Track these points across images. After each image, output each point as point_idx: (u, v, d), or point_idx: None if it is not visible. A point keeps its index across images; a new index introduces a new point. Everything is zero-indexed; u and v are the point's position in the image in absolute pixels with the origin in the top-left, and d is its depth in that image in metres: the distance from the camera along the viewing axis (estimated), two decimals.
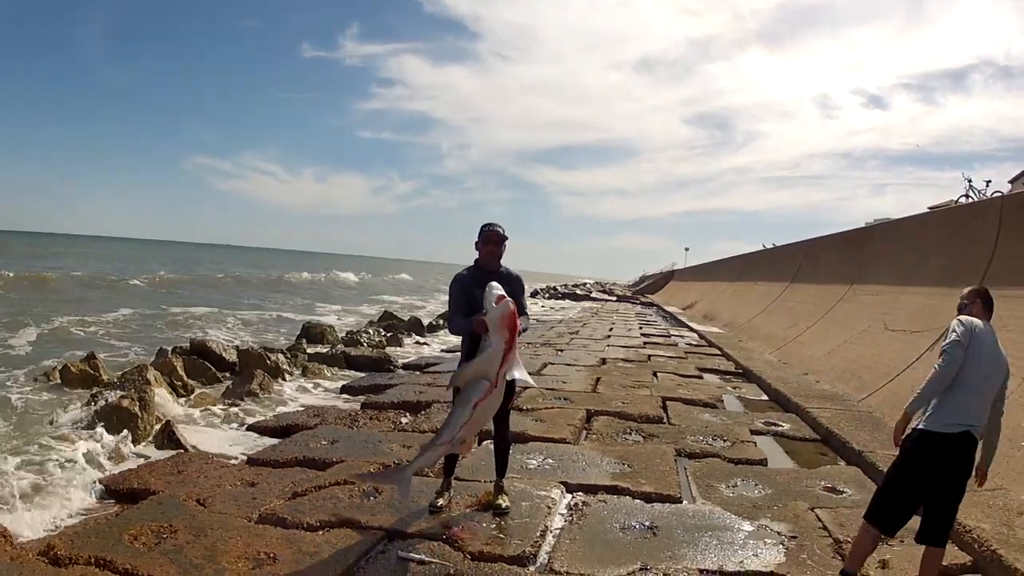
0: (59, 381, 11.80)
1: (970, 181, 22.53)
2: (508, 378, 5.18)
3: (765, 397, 11.99)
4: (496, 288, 5.17)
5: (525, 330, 5.49)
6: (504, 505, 5.70)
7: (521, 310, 5.40)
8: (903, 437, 4.38)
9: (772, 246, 32.59)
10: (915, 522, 4.37)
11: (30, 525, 5.82)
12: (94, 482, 6.93)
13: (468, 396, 5.15)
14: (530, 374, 12.27)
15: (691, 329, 25.77)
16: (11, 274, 33.43)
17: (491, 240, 5.59)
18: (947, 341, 4.24)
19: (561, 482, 6.51)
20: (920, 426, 4.28)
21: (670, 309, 39.08)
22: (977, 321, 4.33)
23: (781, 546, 5.14)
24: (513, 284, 5.50)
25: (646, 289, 73.35)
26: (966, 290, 4.66)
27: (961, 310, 4.53)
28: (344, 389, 12.58)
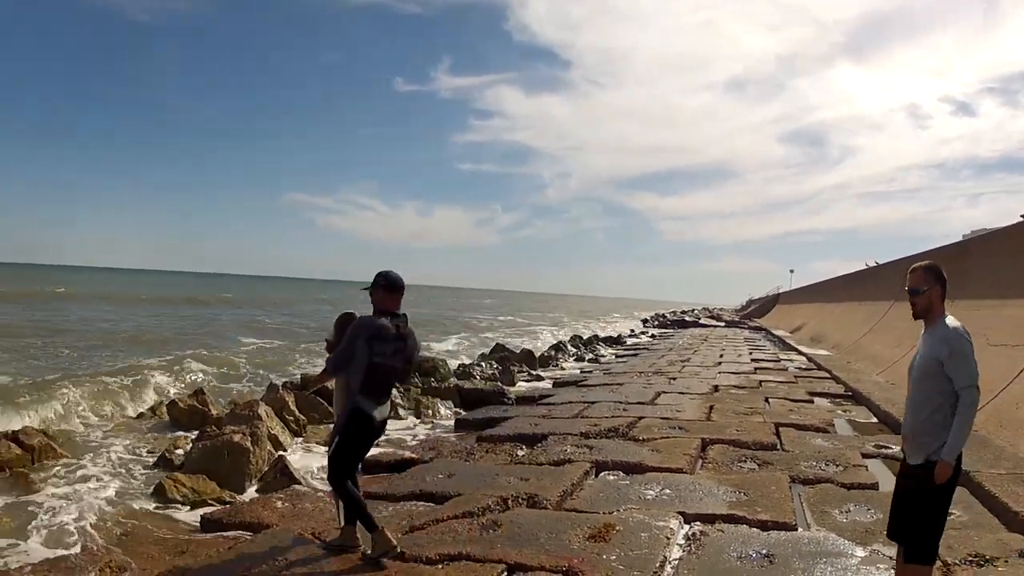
0: (167, 417, 11.75)
1: None
2: None
3: (875, 419, 11.60)
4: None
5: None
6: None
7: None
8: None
9: (875, 264, 31.43)
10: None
11: (145, 558, 5.77)
12: (206, 517, 6.80)
13: None
14: (643, 404, 12.19)
15: (799, 352, 25.01)
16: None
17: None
18: (973, 378, 3.89)
19: (679, 512, 6.34)
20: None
21: (778, 333, 38.07)
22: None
23: (892, 571, 4.98)
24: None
25: (753, 313, 71.68)
26: (917, 270, 4.15)
27: (917, 298, 4.11)
28: (459, 422, 12.24)
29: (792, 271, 77.35)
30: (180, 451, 9.39)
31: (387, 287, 5.34)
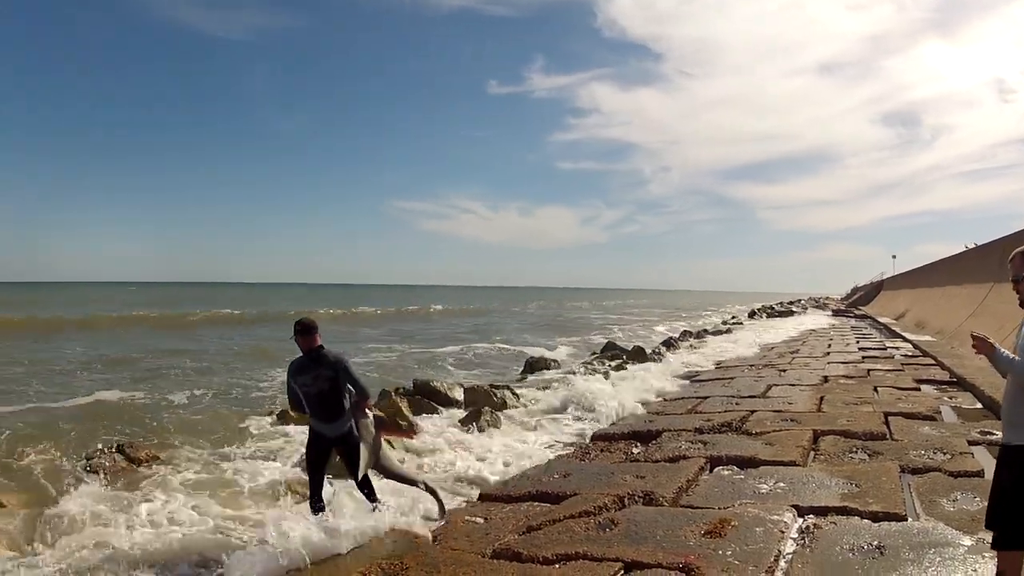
0: (277, 421, 11.24)
1: None
2: None
3: (979, 405, 10.91)
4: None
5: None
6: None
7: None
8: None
9: (974, 245, 29.50)
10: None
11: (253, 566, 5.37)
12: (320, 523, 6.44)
13: None
14: (754, 397, 11.79)
15: (904, 339, 23.56)
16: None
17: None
18: None
19: (792, 505, 6.06)
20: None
21: (883, 320, 35.99)
22: None
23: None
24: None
25: (858, 301, 68.40)
26: (1016, 257, 3.84)
27: (1019, 285, 3.82)
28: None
29: (894, 256, 72.34)
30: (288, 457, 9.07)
31: (299, 332, 6.08)
